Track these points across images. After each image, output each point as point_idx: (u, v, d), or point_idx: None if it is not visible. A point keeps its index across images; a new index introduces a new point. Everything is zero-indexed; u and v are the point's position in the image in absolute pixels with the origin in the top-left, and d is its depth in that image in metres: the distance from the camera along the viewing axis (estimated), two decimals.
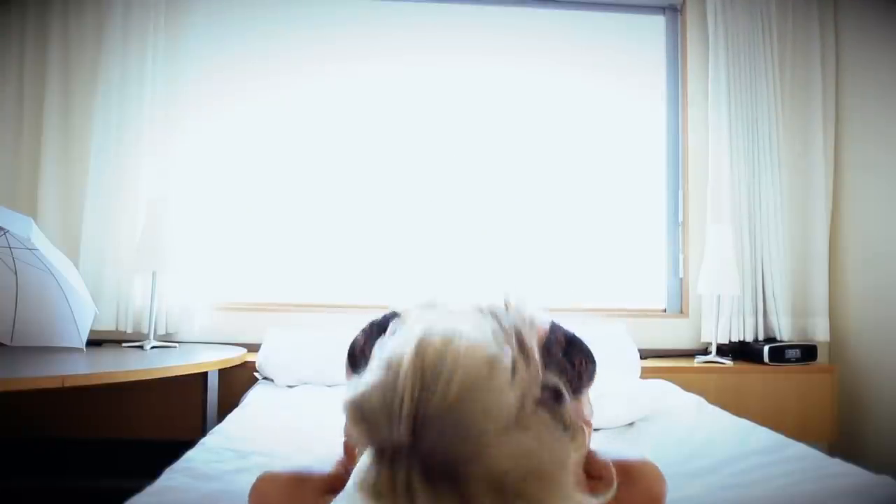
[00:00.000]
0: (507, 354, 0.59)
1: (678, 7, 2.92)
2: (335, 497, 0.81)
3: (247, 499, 0.96)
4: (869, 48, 2.67)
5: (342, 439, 0.94)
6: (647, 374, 2.39)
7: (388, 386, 0.56)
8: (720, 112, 2.72)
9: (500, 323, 0.64)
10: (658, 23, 2.96)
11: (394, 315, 0.88)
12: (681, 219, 2.85)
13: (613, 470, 0.80)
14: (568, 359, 0.89)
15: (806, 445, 1.51)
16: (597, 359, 0.93)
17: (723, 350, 2.64)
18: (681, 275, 2.85)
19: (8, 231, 2.06)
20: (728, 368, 2.49)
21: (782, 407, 2.46)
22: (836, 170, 2.79)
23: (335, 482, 0.94)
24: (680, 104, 2.91)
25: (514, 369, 0.58)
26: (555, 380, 0.62)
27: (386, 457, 0.55)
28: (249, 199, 2.78)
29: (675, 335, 2.77)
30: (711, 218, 2.71)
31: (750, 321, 2.69)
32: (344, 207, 2.79)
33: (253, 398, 2.02)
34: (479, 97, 2.88)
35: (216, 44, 2.73)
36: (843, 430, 2.59)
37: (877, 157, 2.59)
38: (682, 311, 2.82)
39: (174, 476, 1.24)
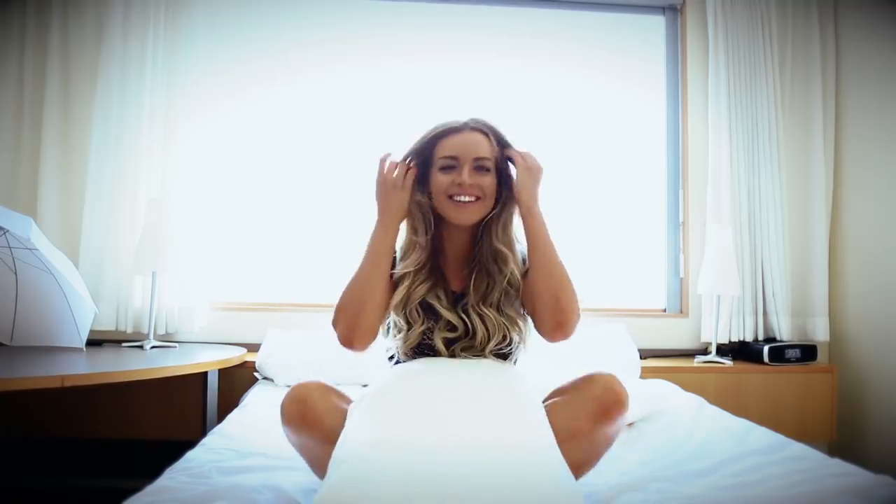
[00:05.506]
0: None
1: (678, 7, 2.92)
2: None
3: (280, 409, 1.21)
4: (869, 48, 2.67)
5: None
6: (647, 374, 2.40)
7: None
8: (720, 112, 2.72)
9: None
10: (658, 23, 2.96)
11: None
12: (681, 219, 2.85)
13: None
14: None
15: (806, 445, 1.51)
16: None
17: (723, 350, 2.63)
18: (681, 275, 2.85)
19: (8, 231, 2.06)
20: (728, 368, 2.49)
21: (782, 407, 2.46)
22: (836, 170, 2.79)
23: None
24: (680, 104, 2.91)
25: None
26: None
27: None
28: (249, 199, 2.78)
29: (675, 335, 2.77)
30: (711, 218, 2.71)
31: (750, 321, 2.69)
32: (344, 207, 2.79)
33: (253, 398, 2.02)
34: (479, 97, 2.87)
35: (216, 44, 2.73)
36: (843, 430, 2.59)
37: (877, 156, 2.59)
38: (681, 311, 2.83)
39: (174, 476, 1.24)
